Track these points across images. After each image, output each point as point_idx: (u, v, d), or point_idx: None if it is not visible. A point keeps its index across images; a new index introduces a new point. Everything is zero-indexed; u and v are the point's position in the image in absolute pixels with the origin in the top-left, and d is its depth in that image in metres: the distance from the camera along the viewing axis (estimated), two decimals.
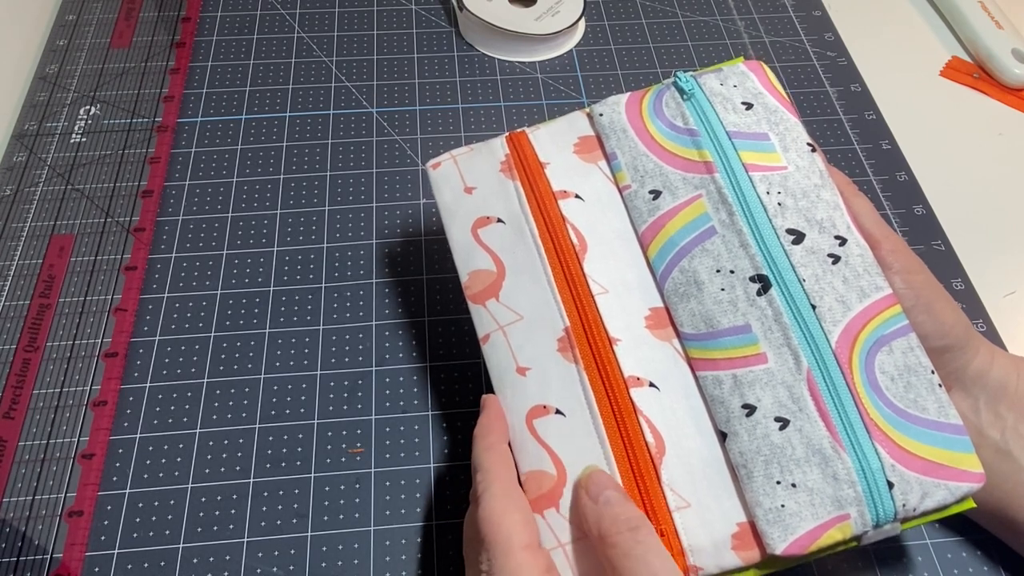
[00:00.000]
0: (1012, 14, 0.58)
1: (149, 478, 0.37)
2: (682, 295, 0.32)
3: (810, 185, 0.32)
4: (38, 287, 0.43)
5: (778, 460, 0.28)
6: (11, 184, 0.48)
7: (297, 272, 0.45)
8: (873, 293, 0.30)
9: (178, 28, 0.56)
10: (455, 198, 0.36)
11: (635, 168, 0.34)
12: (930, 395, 0.29)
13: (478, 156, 0.36)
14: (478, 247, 0.34)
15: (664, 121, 0.35)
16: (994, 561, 0.36)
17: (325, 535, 0.36)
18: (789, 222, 0.31)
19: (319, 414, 0.40)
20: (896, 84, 0.56)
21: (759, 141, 0.33)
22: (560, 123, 0.37)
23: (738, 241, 0.31)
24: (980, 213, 0.49)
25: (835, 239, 0.31)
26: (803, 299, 0.30)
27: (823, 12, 0.60)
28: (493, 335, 0.33)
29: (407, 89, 0.53)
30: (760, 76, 0.35)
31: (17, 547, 0.35)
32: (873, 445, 0.28)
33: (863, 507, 0.28)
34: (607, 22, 0.58)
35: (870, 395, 0.29)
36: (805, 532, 0.28)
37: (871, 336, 0.30)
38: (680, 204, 0.33)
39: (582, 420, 0.30)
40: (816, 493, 0.28)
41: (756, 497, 0.28)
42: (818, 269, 0.30)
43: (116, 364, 0.40)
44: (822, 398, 0.29)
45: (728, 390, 0.30)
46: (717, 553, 0.28)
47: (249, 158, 0.49)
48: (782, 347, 0.30)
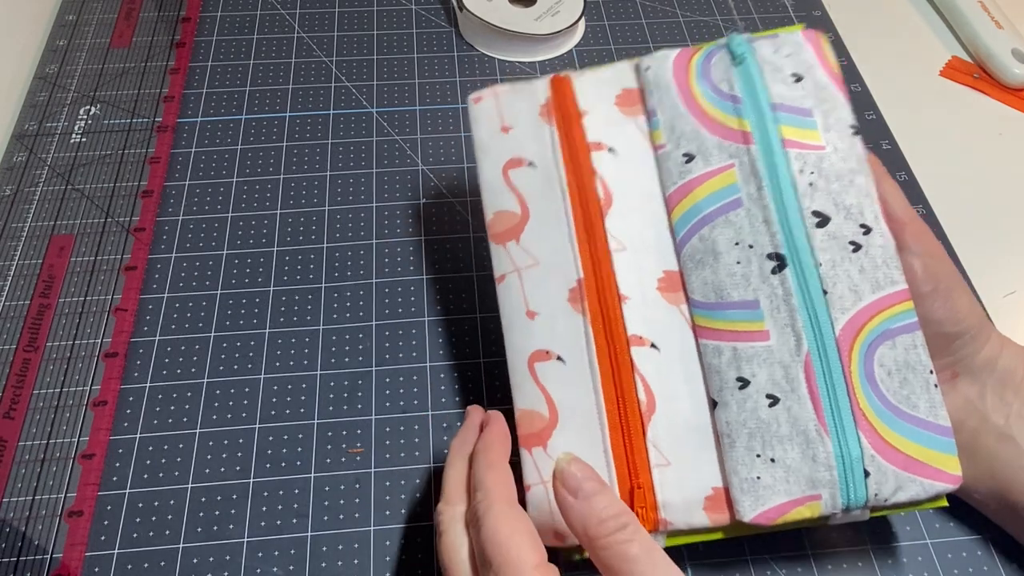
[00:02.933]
0: (1012, 14, 0.58)
1: (149, 478, 0.37)
2: (698, 262, 0.32)
3: (845, 169, 0.32)
4: (38, 287, 0.43)
5: (762, 434, 0.29)
6: (11, 184, 0.48)
7: (297, 272, 0.45)
8: (887, 287, 0.30)
9: (178, 28, 0.56)
10: (491, 135, 0.36)
11: (672, 128, 0.34)
12: (924, 394, 0.30)
13: (519, 96, 0.36)
14: (507, 188, 0.35)
15: (709, 84, 0.34)
16: (994, 561, 0.36)
17: (325, 535, 0.36)
18: (817, 204, 0.31)
19: (319, 414, 0.40)
20: (896, 84, 0.56)
21: (802, 117, 0.32)
22: (606, 71, 0.36)
23: (762, 217, 0.31)
24: (980, 213, 0.49)
25: (860, 227, 0.31)
26: (816, 283, 0.30)
27: (823, 12, 0.60)
28: (509, 276, 0.34)
29: (407, 89, 0.53)
30: (816, 48, 0.34)
31: (17, 547, 0.35)
32: (857, 433, 0.29)
33: (835, 491, 0.28)
34: (607, 22, 0.58)
35: (864, 386, 0.29)
36: (775, 505, 0.29)
37: (877, 328, 0.30)
38: (712, 171, 0.32)
39: (580, 370, 0.31)
40: (793, 471, 0.29)
41: (734, 466, 0.29)
42: (837, 255, 0.30)
43: (116, 364, 0.40)
44: (816, 382, 0.29)
45: (726, 361, 0.30)
46: (688, 511, 0.30)
47: (249, 158, 0.49)
48: (786, 328, 0.30)
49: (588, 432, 0.31)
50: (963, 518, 0.37)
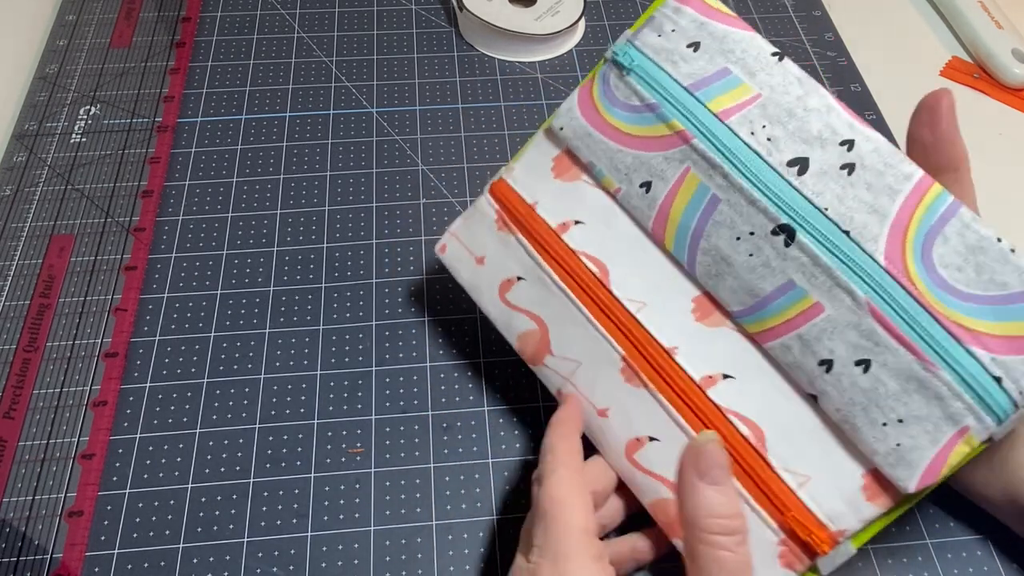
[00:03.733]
0: (1012, 14, 0.58)
1: (149, 478, 0.37)
2: (715, 276, 0.30)
3: (792, 100, 0.30)
4: (38, 287, 0.43)
5: (875, 403, 0.27)
6: (11, 184, 0.48)
7: (297, 272, 0.45)
8: (903, 185, 0.28)
9: (178, 28, 0.56)
10: (472, 274, 0.36)
11: (616, 169, 0.33)
12: (1006, 266, 0.26)
13: (473, 224, 0.36)
14: (513, 311, 0.35)
15: (620, 106, 0.32)
16: (994, 561, 0.36)
17: (325, 535, 0.36)
18: (786, 154, 0.29)
19: (319, 414, 0.40)
20: (896, 84, 0.56)
21: (721, 80, 0.31)
22: (530, 152, 0.36)
23: (744, 199, 0.29)
24: (980, 213, 0.49)
25: (841, 145, 0.29)
26: (833, 229, 0.28)
27: (823, 12, 0.60)
28: (564, 388, 0.33)
29: (407, 89, 0.53)
30: (695, 3, 0.32)
31: (17, 547, 0.35)
32: (964, 348, 0.26)
33: (979, 413, 0.26)
34: (607, 22, 0.58)
35: (941, 297, 0.27)
36: (930, 461, 0.27)
37: (919, 233, 0.27)
38: (674, 186, 0.31)
39: (675, 439, 0.30)
40: (926, 420, 0.27)
41: (870, 446, 0.27)
42: (836, 189, 0.28)
43: (116, 364, 0.40)
44: (894, 324, 0.27)
45: (799, 352, 0.29)
46: (855, 510, 0.28)
47: (249, 158, 0.49)
48: (832, 289, 0.28)
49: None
50: (963, 518, 0.37)
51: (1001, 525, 0.36)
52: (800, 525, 0.28)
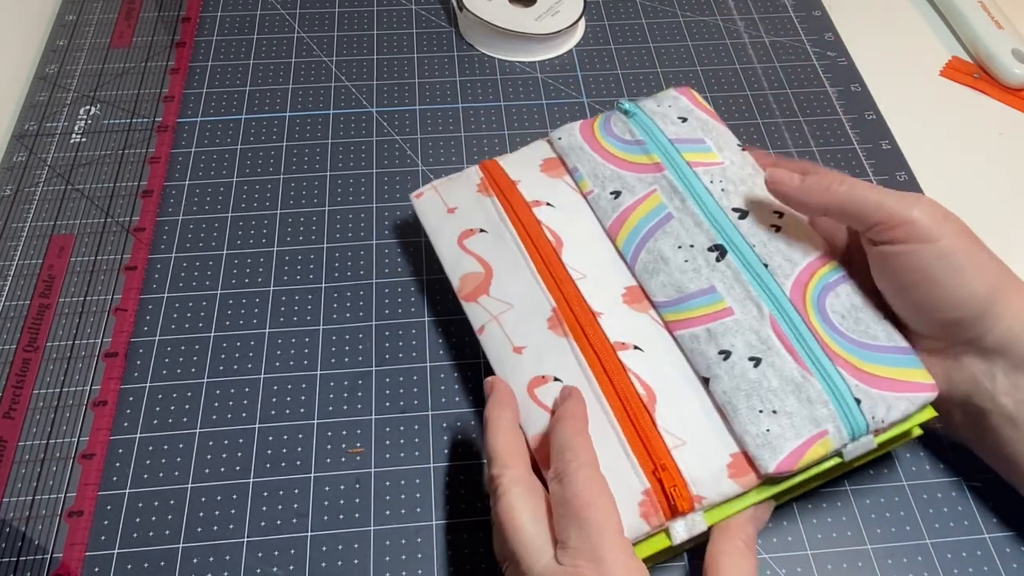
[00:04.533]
0: (1012, 14, 0.58)
1: (149, 478, 0.37)
2: (652, 271, 0.36)
3: (745, 175, 0.38)
4: (38, 287, 0.43)
5: (757, 393, 0.32)
6: (11, 184, 0.48)
7: (297, 272, 0.45)
8: (812, 254, 0.36)
9: (178, 28, 0.56)
10: (439, 218, 0.40)
11: (595, 176, 0.40)
12: (878, 325, 0.34)
13: (456, 183, 0.41)
14: (465, 254, 0.39)
15: (615, 137, 0.40)
16: (994, 561, 0.36)
17: (325, 535, 0.36)
18: (733, 203, 0.37)
19: (319, 414, 0.40)
20: (896, 84, 0.56)
21: (697, 144, 0.39)
22: (525, 150, 0.42)
23: (692, 221, 0.37)
24: (980, 213, 0.49)
25: (774, 213, 0.37)
26: (756, 260, 0.35)
27: (823, 12, 0.60)
28: (488, 325, 0.37)
29: (407, 89, 0.53)
30: (690, 98, 0.41)
31: (17, 547, 0.35)
32: (836, 370, 0.33)
33: (838, 422, 0.32)
34: (607, 22, 0.58)
35: (827, 330, 0.34)
36: (791, 450, 0.31)
37: (818, 284, 0.35)
38: (639, 199, 0.38)
39: (576, 381, 0.34)
40: (795, 416, 0.32)
41: (744, 427, 0.32)
42: (764, 237, 0.36)
43: (116, 364, 0.40)
44: (786, 336, 0.33)
45: (704, 341, 0.34)
46: (716, 482, 0.31)
47: (249, 158, 0.49)
48: (745, 300, 0.34)
49: (601, 434, 0.32)
50: (963, 518, 0.37)
51: (1001, 526, 0.37)
52: (667, 476, 0.31)
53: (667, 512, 0.31)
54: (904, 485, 0.38)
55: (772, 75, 0.55)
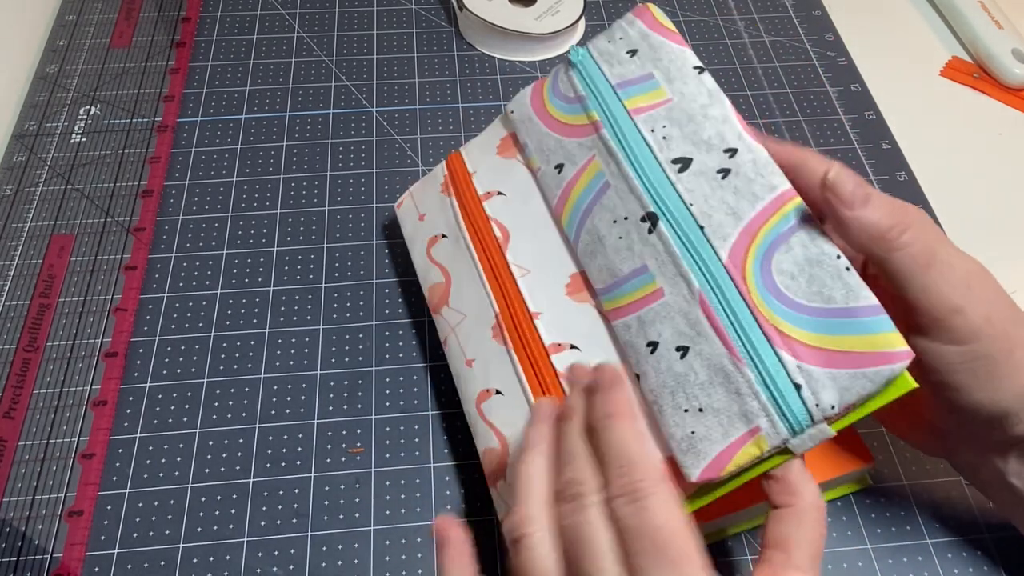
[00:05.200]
0: (1012, 14, 0.58)
1: (149, 478, 0.37)
2: (591, 254, 0.33)
3: (696, 107, 0.32)
4: (38, 287, 0.43)
5: (683, 388, 0.28)
6: (11, 184, 0.48)
7: (297, 272, 0.45)
8: (767, 194, 0.29)
9: (178, 28, 0.56)
10: (413, 227, 0.40)
11: (541, 150, 0.36)
12: (836, 282, 0.27)
13: (426, 185, 0.41)
14: (431, 264, 0.39)
15: (560, 97, 0.37)
16: (994, 561, 0.36)
17: (325, 535, 0.36)
18: (675, 152, 0.32)
19: (319, 414, 0.40)
20: (896, 84, 0.56)
21: (643, 83, 0.34)
22: (486, 132, 0.40)
23: (627, 187, 0.32)
24: (980, 213, 0.49)
25: (724, 152, 0.31)
26: (691, 224, 0.30)
27: (823, 12, 0.60)
28: (449, 337, 0.37)
29: (407, 89, 0.53)
30: (646, 18, 0.36)
31: (17, 547, 0.35)
32: (774, 351, 0.27)
33: (772, 416, 0.27)
34: (607, 22, 0.58)
35: (767, 300, 0.28)
36: (717, 454, 0.27)
37: (766, 238, 0.29)
38: (579, 170, 0.34)
39: (515, 394, 0.33)
40: (722, 413, 0.27)
41: (669, 429, 0.28)
42: (706, 189, 0.30)
43: (116, 364, 0.40)
44: (716, 316, 0.28)
45: (635, 332, 0.30)
46: None
47: (249, 158, 0.49)
48: (675, 277, 0.30)
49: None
50: (963, 518, 0.37)
51: (1001, 526, 0.37)
52: None
53: None
54: (904, 485, 0.38)
55: (772, 75, 0.55)
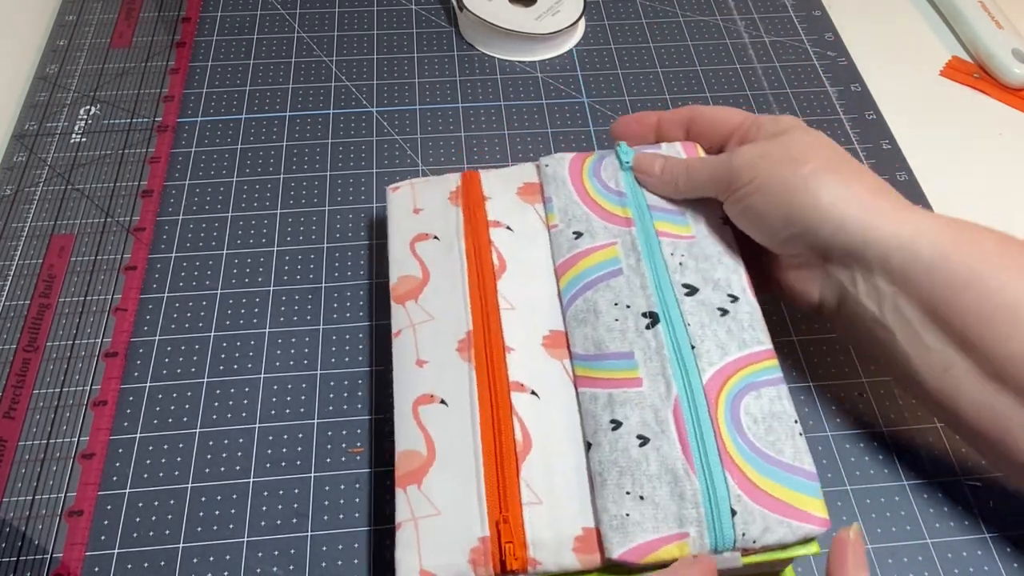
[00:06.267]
0: (1012, 14, 0.58)
1: (149, 478, 0.37)
2: (581, 320, 0.35)
3: (714, 251, 0.36)
4: (38, 287, 0.43)
5: (632, 473, 0.30)
6: (11, 184, 0.48)
7: (297, 272, 0.45)
8: (753, 345, 0.33)
9: (178, 28, 0.56)
10: (403, 216, 0.40)
11: (565, 212, 0.38)
12: (789, 440, 0.31)
13: (432, 185, 0.41)
14: (411, 256, 0.39)
15: (599, 181, 0.39)
16: (994, 561, 0.36)
17: (325, 535, 0.36)
18: (687, 278, 0.35)
19: (319, 414, 0.40)
20: (896, 84, 0.56)
21: (674, 215, 0.38)
22: (512, 169, 0.41)
23: (639, 283, 0.35)
24: (980, 213, 0.49)
25: (727, 296, 0.35)
26: (685, 338, 0.33)
27: (823, 12, 0.60)
28: (404, 331, 0.36)
29: (407, 89, 0.53)
30: (690, 152, 0.40)
31: (17, 547, 0.35)
32: (724, 474, 0.30)
33: (703, 528, 0.29)
34: (607, 22, 0.58)
35: (731, 431, 0.31)
36: (644, 542, 0.29)
37: (743, 380, 0.32)
38: (597, 246, 0.37)
39: (461, 410, 0.33)
40: (661, 508, 0.30)
41: (604, 503, 0.30)
42: (705, 318, 0.34)
43: (116, 364, 0.40)
44: (684, 424, 0.31)
45: (601, 406, 0.32)
46: (558, 551, 0.30)
47: (249, 158, 0.49)
48: (657, 375, 0.32)
49: (463, 468, 0.32)
50: (963, 518, 0.37)
51: (1001, 525, 0.37)
52: (507, 529, 0.30)
53: (496, 567, 0.29)
54: (904, 485, 0.38)
55: (772, 75, 0.55)
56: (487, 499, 0.31)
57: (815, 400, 0.41)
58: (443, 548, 0.30)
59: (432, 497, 0.31)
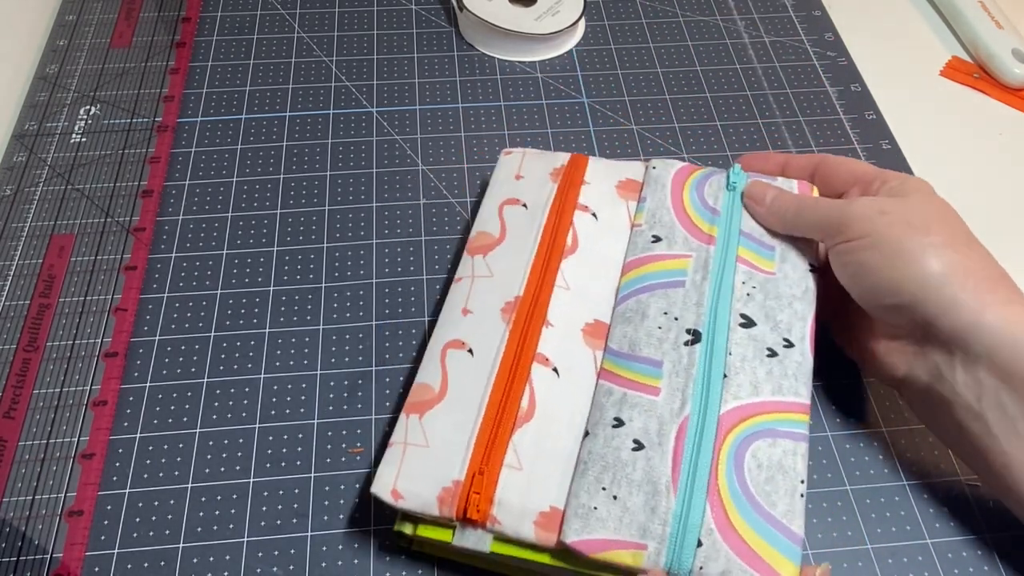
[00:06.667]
0: (1012, 14, 0.58)
1: (149, 478, 0.37)
2: (626, 319, 0.36)
3: (788, 293, 0.36)
4: (38, 287, 0.43)
5: (614, 472, 0.31)
6: (11, 184, 0.48)
7: (297, 272, 0.45)
8: (789, 395, 0.33)
9: (178, 28, 0.56)
10: (505, 178, 0.42)
11: (653, 214, 0.39)
12: (786, 498, 0.31)
13: (542, 159, 0.43)
14: (497, 216, 0.40)
15: (699, 195, 0.39)
16: (994, 561, 0.36)
17: (325, 535, 0.36)
18: (748, 310, 0.35)
19: (319, 414, 0.40)
20: (896, 84, 0.56)
21: (763, 248, 0.37)
22: (621, 163, 0.42)
23: (695, 299, 0.35)
24: (980, 213, 0.49)
25: (783, 340, 0.34)
26: (720, 366, 0.33)
27: (823, 12, 0.60)
28: (464, 280, 0.38)
29: (407, 89, 0.53)
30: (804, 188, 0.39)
31: (17, 547, 0.35)
32: (704, 503, 0.30)
33: (663, 547, 0.29)
34: (607, 22, 0.58)
35: (728, 466, 0.31)
36: (600, 539, 0.30)
37: (763, 424, 0.32)
38: (671, 254, 0.37)
39: (483, 364, 0.35)
40: (629, 513, 0.30)
41: (577, 490, 0.31)
42: (749, 352, 0.34)
43: (116, 364, 0.40)
44: (683, 444, 0.31)
45: (612, 401, 0.33)
46: (519, 519, 0.31)
47: (249, 158, 0.49)
48: (676, 391, 0.33)
49: (464, 414, 0.33)
50: (963, 518, 0.37)
51: (1000, 525, 0.37)
52: (479, 480, 0.31)
53: (459, 512, 0.31)
54: (904, 485, 0.38)
55: (772, 75, 0.55)
56: (473, 449, 0.32)
57: (815, 400, 0.41)
58: (419, 477, 0.32)
59: (427, 431, 0.33)
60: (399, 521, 0.33)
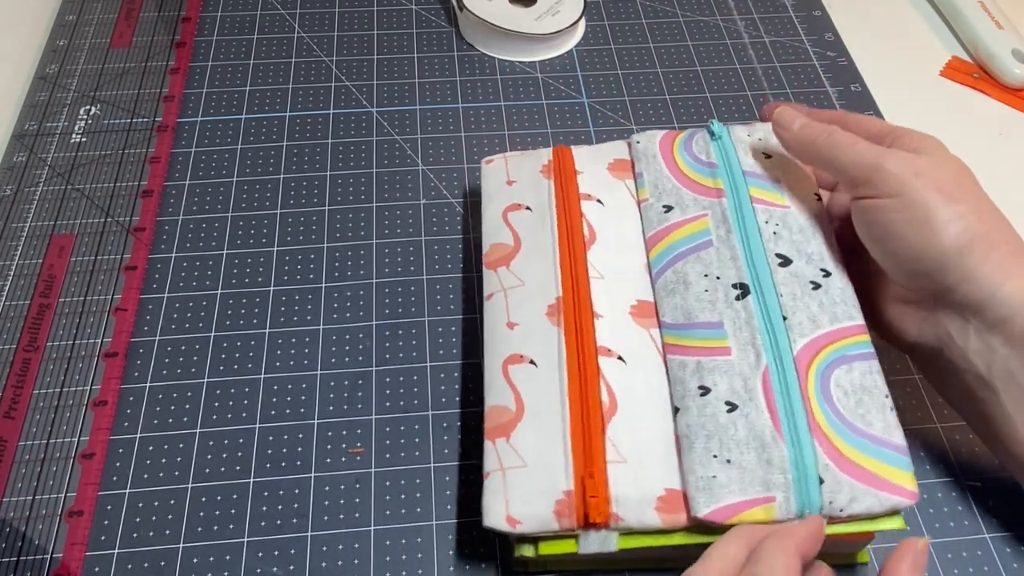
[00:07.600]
0: (1012, 14, 0.58)
1: (149, 478, 0.37)
2: (670, 291, 0.36)
3: (807, 223, 0.36)
4: (38, 287, 0.43)
5: (719, 437, 0.31)
6: (11, 184, 0.48)
7: (297, 272, 0.45)
8: (845, 320, 0.33)
9: (178, 28, 0.56)
10: (497, 187, 0.41)
11: (655, 186, 0.39)
12: (879, 414, 0.31)
13: (525, 158, 0.42)
14: (504, 225, 0.40)
15: (690, 154, 0.39)
16: (994, 561, 0.36)
17: (325, 535, 0.36)
18: (780, 248, 0.35)
19: (319, 414, 0.40)
20: (896, 84, 0.56)
21: (769, 183, 0.37)
22: (603, 146, 0.42)
23: (729, 255, 0.35)
24: None
25: (820, 271, 0.35)
26: (776, 310, 0.33)
27: (823, 12, 0.60)
28: (496, 294, 0.37)
29: (407, 89, 0.53)
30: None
31: (17, 547, 0.35)
32: (812, 442, 0.30)
33: (790, 494, 0.30)
34: (607, 22, 0.58)
35: (820, 401, 0.31)
36: (730, 504, 0.30)
37: (835, 353, 0.32)
38: (687, 219, 0.37)
39: (550, 372, 0.34)
40: (748, 472, 0.30)
41: (691, 465, 0.31)
42: (797, 290, 0.34)
43: (116, 364, 0.40)
44: (773, 393, 0.31)
45: (690, 372, 0.33)
46: (640, 509, 0.30)
47: (249, 158, 0.49)
48: (747, 345, 0.33)
49: (551, 425, 0.32)
50: (963, 518, 0.37)
51: (1001, 526, 0.37)
52: (592, 484, 0.30)
53: (580, 519, 0.30)
54: None
55: (772, 75, 0.55)
56: (573, 455, 0.31)
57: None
58: (529, 498, 0.31)
59: (520, 450, 0.32)
60: (517, 547, 0.32)
